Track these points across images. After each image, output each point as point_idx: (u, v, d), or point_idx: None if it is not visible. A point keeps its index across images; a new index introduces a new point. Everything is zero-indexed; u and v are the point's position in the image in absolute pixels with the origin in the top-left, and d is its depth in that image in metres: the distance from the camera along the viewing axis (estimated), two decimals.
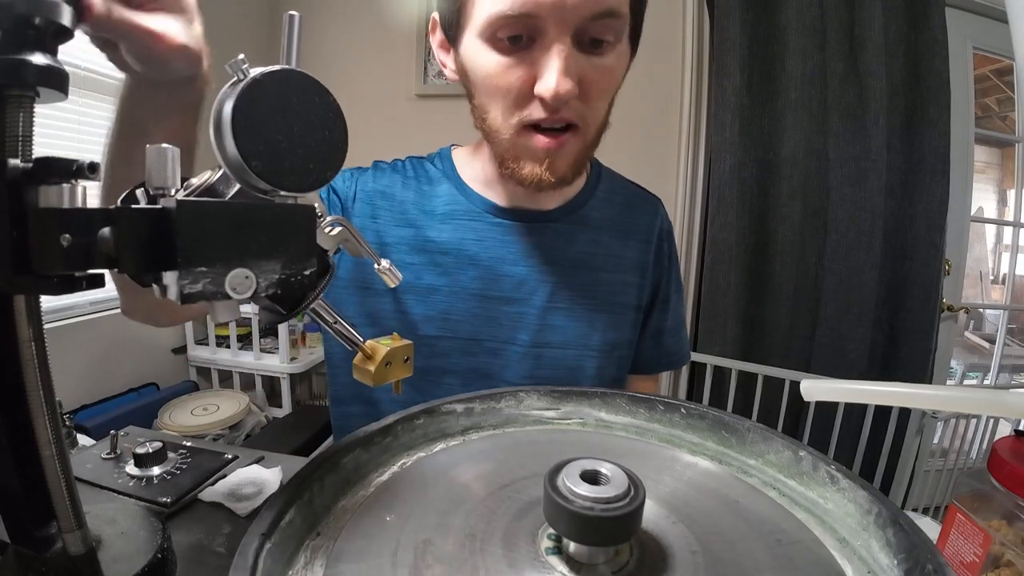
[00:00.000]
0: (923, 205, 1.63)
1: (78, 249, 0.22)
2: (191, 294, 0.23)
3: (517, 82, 0.49)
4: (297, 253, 0.26)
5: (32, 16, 0.24)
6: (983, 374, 2.37)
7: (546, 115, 0.50)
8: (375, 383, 0.42)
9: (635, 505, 0.25)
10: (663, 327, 0.71)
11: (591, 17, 0.47)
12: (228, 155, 0.25)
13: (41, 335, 0.26)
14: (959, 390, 0.45)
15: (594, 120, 0.54)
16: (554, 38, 0.47)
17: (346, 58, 1.89)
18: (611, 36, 0.49)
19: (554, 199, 0.64)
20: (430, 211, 0.62)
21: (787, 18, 1.58)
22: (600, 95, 0.52)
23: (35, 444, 0.27)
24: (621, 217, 0.67)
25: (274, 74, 0.26)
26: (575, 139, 0.53)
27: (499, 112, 0.52)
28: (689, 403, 0.43)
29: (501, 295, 0.61)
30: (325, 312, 0.38)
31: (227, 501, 0.48)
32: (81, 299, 1.42)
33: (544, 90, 0.48)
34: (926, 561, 0.26)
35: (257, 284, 0.25)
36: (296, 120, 0.26)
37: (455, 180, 0.64)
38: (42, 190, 0.23)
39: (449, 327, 0.61)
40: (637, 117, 1.74)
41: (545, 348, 0.62)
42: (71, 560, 0.29)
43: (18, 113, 0.24)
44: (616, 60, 0.52)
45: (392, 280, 0.41)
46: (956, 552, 0.46)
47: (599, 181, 0.69)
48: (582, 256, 0.64)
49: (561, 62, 0.47)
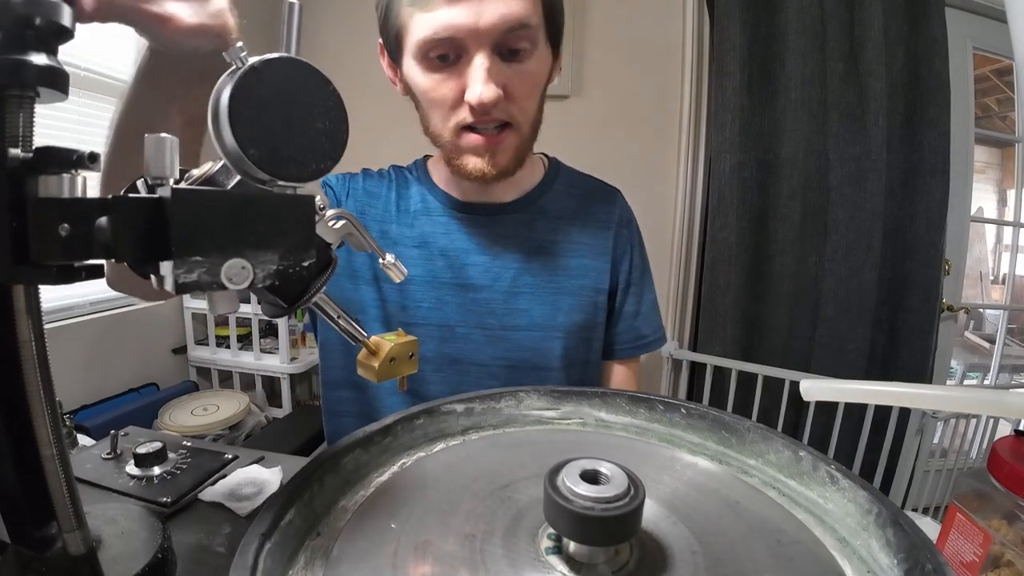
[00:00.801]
0: (923, 205, 1.63)
1: (76, 239, 0.22)
2: (186, 284, 0.23)
3: (450, 93, 0.56)
4: (296, 244, 0.26)
5: (32, 16, 0.24)
6: (983, 374, 2.37)
7: (475, 118, 0.57)
8: (379, 379, 0.42)
9: (635, 505, 0.25)
10: (635, 310, 0.75)
11: (504, 32, 0.53)
12: (226, 144, 0.25)
13: (41, 335, 0.26)
14: (959, 390, 0.45)
15: (525, 118, 0.60)
16: (475, 53, 0.54)
17: (344, 57, 1.89)
18: (527, 44, 0.56)
19: (510, 193, 0.70)
20: (405, 210, 0.70)
21: (787, 18, 1.58)
22: (526, 96, 0.59)
23: (35, 444, 0.27)
24: (579, 207, 0.72)
25: (272, 62, 0.25)
26: (512, 135, 0.60)
27: (438, 120, 0.60)
28: (689, 403, 0.43)
29: (468, 282, 0.67)
30: (328, 307, 0.38)
31: (227, 501, 0.48)
32: (81, 299, 1.42)
33: (471, 98, 0.54)
34: (926, 561, 0.26)
35: (254, 275, 0.24)
36: (295, 109, 0.26)
37: (426, 182, 0.71)
38: (42, 180, 0.22)
39: (422, 314, 0.66)
40: (637, 118, 1.74)
41: (512, 331, 0.67)
42: (71, 560, 0.29)
43: (18, 113, 0.24)
44: (536, 64, 0.58)
45: (397, 275, 0.42)
46: (956, 552, 0.46)
47: (557, 177, 0.74)
48: (542, 243, 0.69)
49: (483, 73, 0.54)
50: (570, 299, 0.68)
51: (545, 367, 0.67)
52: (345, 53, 1.90)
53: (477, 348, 0.67)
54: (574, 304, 0.68)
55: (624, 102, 1.71)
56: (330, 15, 1.88)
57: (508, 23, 0.53)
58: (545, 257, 0.68)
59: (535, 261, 0.68)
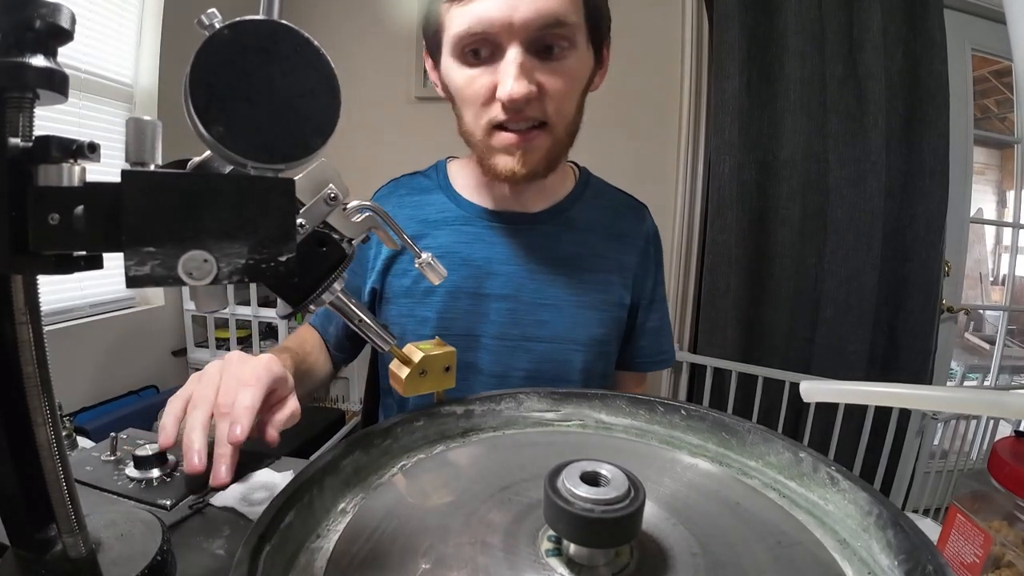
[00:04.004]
0: (922, 207, 1.63)
1: (65, 228, 0.21)
2: (137, 277, 0.20)
3: (482, 89, 0.56)
4: (269, 235, 0.23)
5: (32, 18, 0.24)
6: (983, 375, 2.36)
7: (508, 116, 0.56)
8: (406, 393, 0.41)
9: (635, 507, 0.25)
10: (658, 326, 0.75)
11: (539, 28, 0.52)
12: (194, 122, 0.22)
13: (41, 337, 0.26)
14: (959, 391, 0.45)
15: (560, 118, 0.58)
16: (508, 49, 0.53)
17: (346, 61, 1.89)
18: (564, 42, 0.55)
19: (539, 202, 0.69)
20: (423, 219, 0.68)
21: (786, 20, 1.58)
22: (561, 96, 0.57)
23: (35, 446, 0.27)
24: (608, 220, 0.72)
25: (241, 25, 0.22)
26: (544, 135, 0.58)
27: (471, 116, 0.59)
28: (689, 405, 0.43)
29: (492, 292, 0.66)
30: (347, 307, 0.36)
31: (239, 505, 0.47)
32: (81, 301, 1.42)
33: (501, 94, 0.54)
34: (926, 562, 0.26)
35: (218, 269, 0.22)
36: (271, 80, 0.23)
37: (447, 189, 0.70)
38: (42, 169, 0.22)
39: (445, 324, 0.65)
40: (637, 119, 1.75)
41: (535, 342, 0.66)
42: (71, 563, 0.29)
43: (18, 115, 0.24)
44: (574, 63, 0.57)
45: (435, 276, 0.40)
46: (956, 553, 0.45)
47: (586, 188, 0.73)
48: (569, 256, 0.68)
49: (515, 69, 0.53)
50: (593, 313, 0.67)
51: (565, 379, 0.67)
52: (341, 63, 1.91)
53: (498, 359, 0.66)
54: (597, 318, 0.68)
55: (624, 104, 1.71)
56: (324, 26, 1.89)
57: (544, 19, 0.52)
58: (571, 270, 0.67)
59: (561, 274, 0.67)
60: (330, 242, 0.33)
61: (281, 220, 0.23)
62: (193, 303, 0.26)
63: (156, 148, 0.22)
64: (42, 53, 0.24)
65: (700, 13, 1.68)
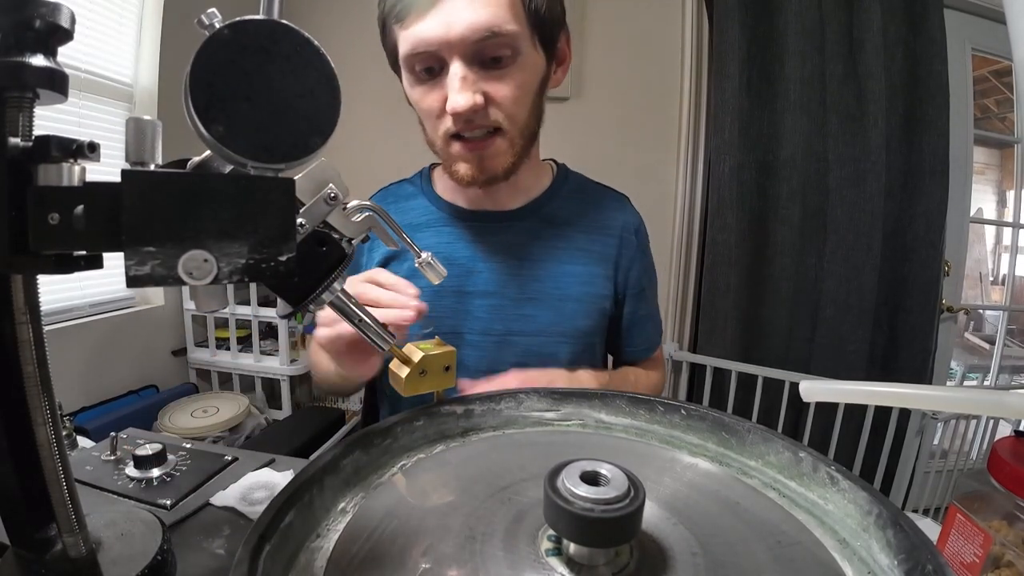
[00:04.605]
0: (922, 206, 1.63)
1: (65, 228, 0.21)
2: (137, 277, 0.21)
3: (435, 103, 0.58)
4: (269, 234, 0.23)
5: (32, 18, 0.24)
6: (983, 375, 2.36)
7: (459, 127, 0.58)
8: (406, 393, 0.41)
9: (635, 506, 0.25)
10: (647, 314, 0.77)
11: (476, 41, 0.54)
12: (194, 122, 0.22)
13: (41, 336, 0.26)
14: (959, 391, 0.45)
15: (513, 124, 0.60)
16: (451, 64, 0.55)
17: (346, 61, 1.89)
18: (506, 51, 0.56)
19: (514, 200, 0.71)
20: (408, 224, 0.71)
21: (786, 20, 1.58)
22: (511, 102, 0.59)
23: (35, 446, 0.27)
24: (588, 214, 0.73)
25: (241, 25, 0.22)
26: (499, 141, 0.60)
27: (431, 128, 0.62)
28: (689, 404, 0.43)
29: (475, 290, 0.68)
30: (347, 307, 0.36)
31: (239, 505, 0.47)
32: (81, 301, 1.41)
33: (448, 107, 0.56)
34: (926, 562, 0.26)
35: (218, 269, 0.22)
36: (270, 79, 0.23)
37: (429, 194, 0.73)
38: (42, 168, 0.22)
39: (431, 324, 0.64)
40: (637, 119, 1.75)
41: (520, 336, 0.68)
42: (71, 562, 0.29)
43: (18, 115, 0.24)
44: (520, 70, 0.58)
45: (435, 276, 0.41)
46: (956, 553, 0.45)
47: (564, 183, 0.75)
48: (549, 250, 0.70)
49: (457, 83, 0.55)
50: (577, 306, 0.69)
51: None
52: (341, 62, 1.91)
53: (485, 354, 0.67)
54: (581, 310, 0.69)
55: (624, 104, 1.71)
56: (331, 17, 1.89)
57: (478, 32, 0.54)
58: (552, 264, 0.69)
59: (542, 268, 0.68)
60: (330, 242, 0.34)
61: (281, 220, 0.23)
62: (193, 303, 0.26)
63: (156, 148, 0.23)
64: (42, 53, 0.24)
65: (700, 13, 1.68)
